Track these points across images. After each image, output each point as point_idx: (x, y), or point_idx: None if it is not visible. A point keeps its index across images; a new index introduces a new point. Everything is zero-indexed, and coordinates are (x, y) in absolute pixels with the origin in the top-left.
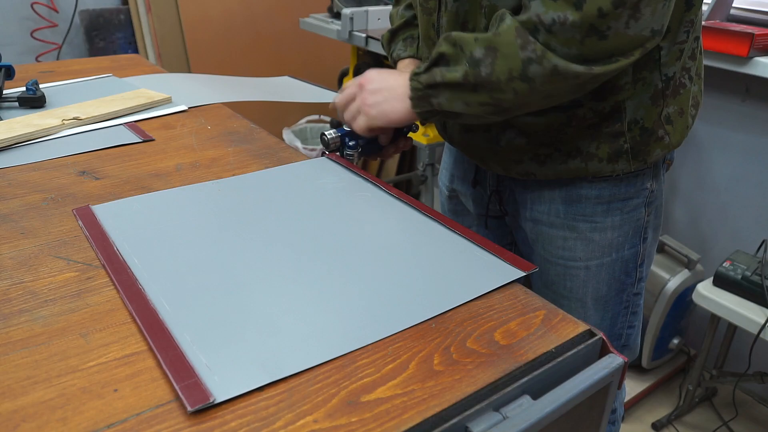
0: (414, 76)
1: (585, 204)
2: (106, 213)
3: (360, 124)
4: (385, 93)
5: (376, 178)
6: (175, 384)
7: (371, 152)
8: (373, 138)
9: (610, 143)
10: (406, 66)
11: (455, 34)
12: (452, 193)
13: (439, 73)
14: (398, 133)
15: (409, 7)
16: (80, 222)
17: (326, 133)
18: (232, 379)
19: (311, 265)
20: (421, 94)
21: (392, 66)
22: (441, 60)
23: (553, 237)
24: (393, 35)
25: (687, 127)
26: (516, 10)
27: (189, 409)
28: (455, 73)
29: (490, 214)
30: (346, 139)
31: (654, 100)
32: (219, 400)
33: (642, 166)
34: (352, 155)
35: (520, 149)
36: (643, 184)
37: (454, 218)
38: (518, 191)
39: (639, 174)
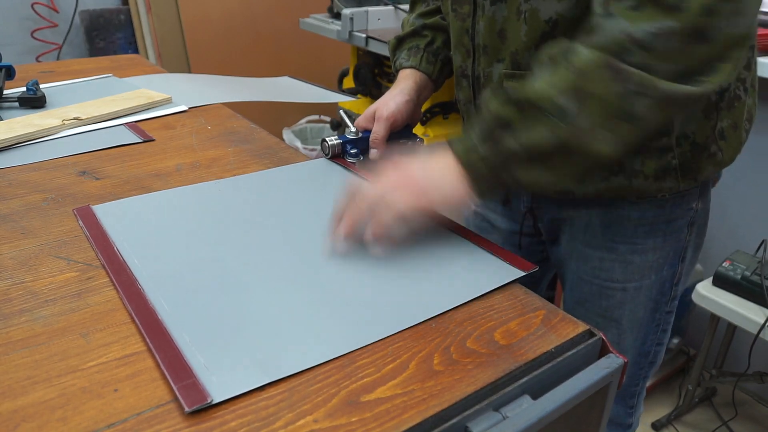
0: (465, 151)
1: (626, 226)
2: (106, 213)
3: (399, 206)
4: (436, 173)
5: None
6: (173, 384)
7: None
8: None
9: (657, 159)
10: (406, 77)
11: (509, 90)
12: (478, 209)
13: (512, 140)
14: (392, 148)
15: (421, 16)
16: (80, 222)
17: (327, 139)
18: (230, 380)
19: (310, 265)
20: (487, 171)
21: (394, 74)
22: (502, 125)
23: (588, 256)
24: (399, 43)
25: (741, 142)
26: (566, 24)
27: (186, 409)
28: (539, 134)
29: (524, 232)
30: (348, 147)
31: (707, 113)
32: (217, 400)
33: (691, 184)
34: (353, 163)
35: None
36: (689, 204)
37: (480, 234)
38: (554, 209)
39: (685, 194)
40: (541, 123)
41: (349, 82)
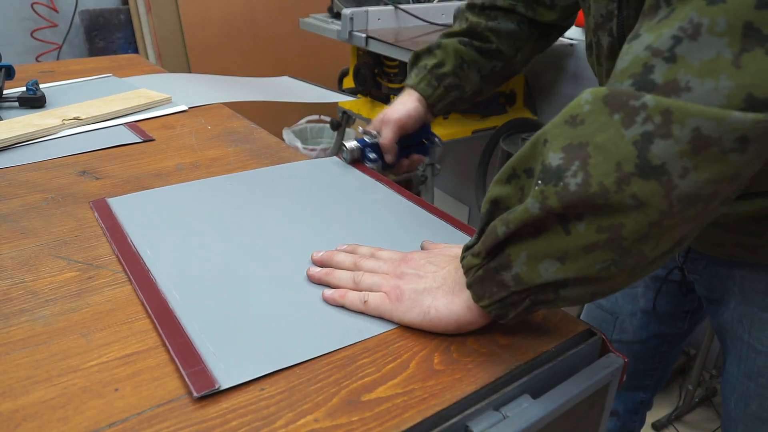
0: (465, 250)
1: None
2: (121, 206)
3: (381, 308)
4: (431, 278)
5: (386, 178)
6: (182, 370)
7: (389, 167)
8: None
9: None
10: (404, 98)
11: (511, 160)
12: None
13: (501, 224)
14: (410, 149)
15: (446, 35)
16: (96, 214)
17: (346, 143)
18: (237, 367)
19: None
20: (483, 272)
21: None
22: (496, 208)
23: (766, 323)
24: (417, 58)
25: None
26: None
27: (195, 394)
28: (524, 206)
29: (669, 279)
30: (367, 151)
31: None
32: (224, 386)
33: None
34: (372, 168)
35: (718, 237)
36: None
37: None
38: (720, 269)
39: None
40: (530, 193)
41: (349, 82)
